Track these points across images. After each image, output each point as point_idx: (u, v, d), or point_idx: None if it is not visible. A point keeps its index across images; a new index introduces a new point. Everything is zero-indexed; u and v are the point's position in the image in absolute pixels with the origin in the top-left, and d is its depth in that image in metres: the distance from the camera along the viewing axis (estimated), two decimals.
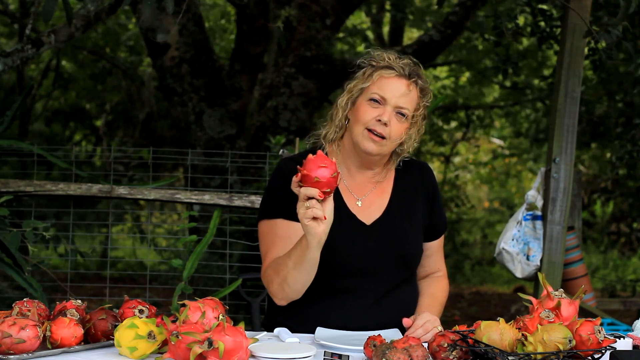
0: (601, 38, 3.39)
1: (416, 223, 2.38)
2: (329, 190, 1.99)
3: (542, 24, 4.19)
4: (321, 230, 2.03)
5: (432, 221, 2.43)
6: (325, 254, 2.24)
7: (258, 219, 2.36)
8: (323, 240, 2.07)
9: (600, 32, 3.36)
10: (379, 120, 2.23)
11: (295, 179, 2.01)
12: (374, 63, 2.30)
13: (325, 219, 2.01)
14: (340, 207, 2.31)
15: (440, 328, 2.12)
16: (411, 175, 2.42)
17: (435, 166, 11.55)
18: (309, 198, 1.98)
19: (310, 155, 1.99)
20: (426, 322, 2.16)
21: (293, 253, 2.15)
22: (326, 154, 2.36)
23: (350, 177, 2.37)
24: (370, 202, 2.35)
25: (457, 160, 11.32)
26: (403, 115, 2.25)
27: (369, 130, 2.24)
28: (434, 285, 2.46)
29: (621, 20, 3.22)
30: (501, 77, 4.58)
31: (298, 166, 2.00)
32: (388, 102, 2.24)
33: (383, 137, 2.24)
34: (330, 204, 2.02)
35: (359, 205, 2.34)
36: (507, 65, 4.31)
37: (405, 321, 2.20)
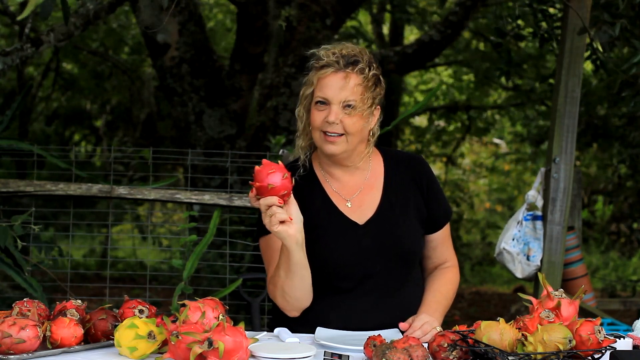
0: (596, 37, 3.39)
1: (412, 218, 2.35)
2: (285, 192, 2.04)
3: (544, 24, 4.18)
4: (293, 232, 2.09)
5: (430, 213, 2.40)
6: (320, 257, 2.25)
7: (256, 238, 2.38)
8: (300, 240, 2.12)
9: (595, 31, 3.36)
10: (328, 122, 2.23)
11: (251, 194, 2.07)
12: (316, 65, 2.29)
13: (291, 219, 2.07)
14: (331, 210, 2.32)
15: (439, 328, 2.12)
16: (402, 170, 2.40)
17: (438, 167, 11.54)
18: (270, 206, 2.04)
19: (256, 167, 2.03)
20: (424, 324, 2.16)
21: (281, 263, 2.18)
22: (311, 164, 2.39)
23: (335, 181, 2.36)
24: (360, 201, 2.34)
25: (459, 161, 11.31)
26: (351, 107, 2.24)
27: (324, 133, 2.25)
28: (440, 279, 2.43)
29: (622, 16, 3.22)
30: (504, 79, 4.56)
31: (250, 181, 2.05)
32: (331, 101, 2.24)
33: (340, 135, 2.24)
34: (292, 204, 2.10)
35: (349, 206, 2.33)
36: (509, 67, 4.30)
37: (402, 325, 2.20)
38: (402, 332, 2.20)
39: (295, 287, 2.20)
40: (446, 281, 2.43)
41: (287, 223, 2.07)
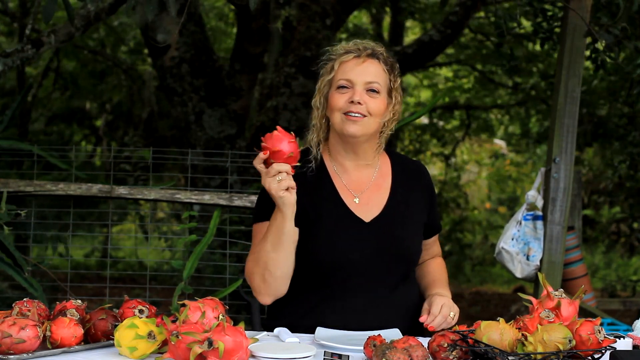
0: (601, 38, 3.39)
1: (415, 222, 2.38)
2: (297, 164, 2.12)
3: (545, 24, 4.18)
4: (293, 199, 2.14)
5: (429, 220, 2.46)
6: (324, 252, 2.25)
7: (252, 222, 2.38)
8: (294, 210, 2.15)
9: (600, 32, 3.36)
10: (352, 102, 2.25)
11: (262, 155, 2.07)
12: (333, 56, 2.34)
13: (294, 188, 2.12)
14: (338, 204, 2.32)
15: (455, 310, 2.20)
16: (409, 174, 2.43)
17: (438, 167, 11.54)
18: (280, 172, 2.08)
19: (274, 132, 2.07)
20: (442, 307, 2.20)
21: (269, 236, 2.18)
22: (321, 157, 2.39)
23: (346, 174, 2.37)
24: (367, 198, 2.35)
25: (459, 160, 11.32)
26: (375, 91, 2.27)
27: (346, 114, 2.26)
28: (433, 263, 2.53)
29: (622, 20, 3.23)
30: (507, 77, 4.58)
31: (263, 143, 2.07)
32: (355, 82, 2.27)
33: (363, 116, 2.25)
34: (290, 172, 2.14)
35: (357, 202, 2.34)
36: (514, 61, 4.29)
37: (423, 318, 2.21)
38: (402, 333, 2.20)
39: (280, 262, 2.18)
40: (435, 267, 2.52)
41: (290, 190, 2.11)
